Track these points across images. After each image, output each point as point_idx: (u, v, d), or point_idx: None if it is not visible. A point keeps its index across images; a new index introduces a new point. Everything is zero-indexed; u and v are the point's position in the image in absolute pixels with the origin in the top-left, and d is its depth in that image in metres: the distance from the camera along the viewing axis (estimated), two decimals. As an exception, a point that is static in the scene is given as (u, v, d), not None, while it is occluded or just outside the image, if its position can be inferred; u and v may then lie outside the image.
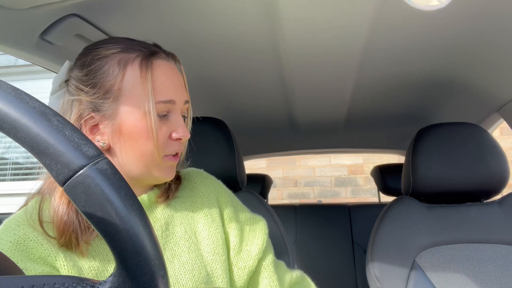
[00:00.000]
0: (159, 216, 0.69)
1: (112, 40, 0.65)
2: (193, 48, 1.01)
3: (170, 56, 0.67)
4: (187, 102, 0.67)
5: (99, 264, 0.60)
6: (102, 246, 0.62)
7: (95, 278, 0.59)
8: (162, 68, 0.64)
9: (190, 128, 0.71)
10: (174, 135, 0.64)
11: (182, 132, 0.64)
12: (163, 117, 0.63)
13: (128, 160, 0.63)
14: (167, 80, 0.64)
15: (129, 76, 0.61)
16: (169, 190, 0.72)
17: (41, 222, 0.58)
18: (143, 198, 0.68)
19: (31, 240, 0.56)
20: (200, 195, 0.76)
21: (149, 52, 0.63)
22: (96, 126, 0.62)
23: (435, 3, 0.65)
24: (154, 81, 0.61)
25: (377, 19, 0.85)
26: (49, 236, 0.57)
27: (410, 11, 0.81)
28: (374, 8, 0.80)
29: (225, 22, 0.87)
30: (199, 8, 0.81)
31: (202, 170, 0.82)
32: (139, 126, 0.60)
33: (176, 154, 0.66)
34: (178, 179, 0.75)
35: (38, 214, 0.59)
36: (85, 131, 0.62)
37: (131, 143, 0.61)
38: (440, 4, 0.65)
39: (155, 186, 0.72)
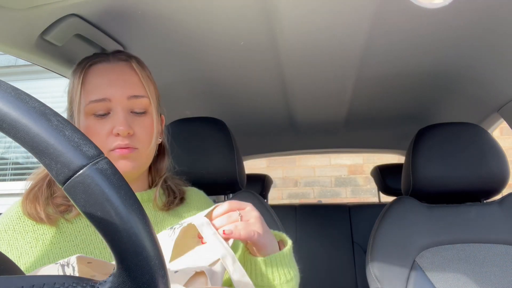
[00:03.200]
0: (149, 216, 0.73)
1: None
2: (193, 48, 1.01)
3: (116, 57, 0.72)
4: (133, 97, 0.69)
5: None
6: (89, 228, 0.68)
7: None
8: (98, 72, 0.69)
9: (156, 123, 0.73)
10: (113, 131, 0.67)
11: (119, 125, 0.67)
12: (102, 116, 0.68)
13: None
14: (101, 80, 0.69)
15: (73, 88, 0.70)
16: (172, 203, 0.77)
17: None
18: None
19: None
20: (193, 207, 0.82)
21: (89, 62, 0.70)
22: None
23: (439, 1, 0.64)
24: (87, 85, 0.68)
25: (378, 18, 0.85)
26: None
27: (411, 9, 0.81)
28: (375, 6, 0.80)
29: (224, 22, 0.87)
30: (198, 8, 0.81)
31: (202, 191, 0.89)
32: (81, 127, 0.68)
33: (128, 147, 0.68)
34: (181, 199, 0.80)
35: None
36: None
37: None
38: (443, 1, 0.64)
39: (148, 188, 0.78)
